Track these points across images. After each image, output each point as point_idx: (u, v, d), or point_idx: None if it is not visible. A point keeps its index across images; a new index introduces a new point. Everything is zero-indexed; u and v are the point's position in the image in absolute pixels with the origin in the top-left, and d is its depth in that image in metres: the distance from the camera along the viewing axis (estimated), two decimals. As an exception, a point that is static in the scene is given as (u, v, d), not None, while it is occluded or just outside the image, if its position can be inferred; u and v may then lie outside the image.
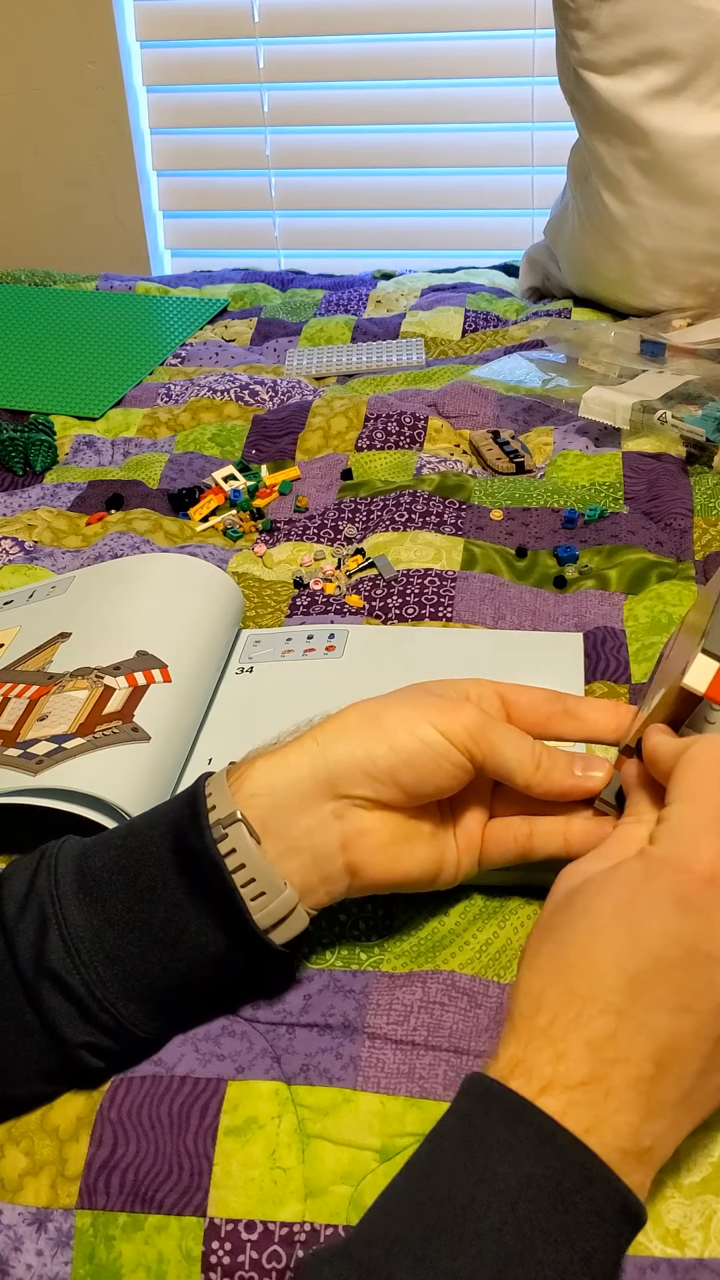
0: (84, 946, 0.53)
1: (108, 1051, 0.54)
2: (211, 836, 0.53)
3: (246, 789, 0.54)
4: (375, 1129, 0.54)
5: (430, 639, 0.81)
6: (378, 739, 0.55)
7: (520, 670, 0.77)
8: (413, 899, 0.63)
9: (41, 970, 0.53)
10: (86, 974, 0.53)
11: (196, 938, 0.54)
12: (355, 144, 1.99)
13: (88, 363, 1.31)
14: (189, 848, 0.53)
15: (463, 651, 0.79)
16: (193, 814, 0.54)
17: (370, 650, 0.80)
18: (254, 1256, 0.51)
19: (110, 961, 0.53)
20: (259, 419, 1.15)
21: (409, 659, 0.79)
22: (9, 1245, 0.53)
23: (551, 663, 0.78)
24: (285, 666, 0.79)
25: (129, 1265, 0.52)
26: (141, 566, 0.84)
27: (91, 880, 0.54)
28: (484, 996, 0.58)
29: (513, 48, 1.84)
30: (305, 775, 0.54)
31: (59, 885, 0.54)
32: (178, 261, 2.19)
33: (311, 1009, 0.58)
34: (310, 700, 0.76)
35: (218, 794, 0.54)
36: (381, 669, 0.78)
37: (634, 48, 1.17)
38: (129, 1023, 0.54)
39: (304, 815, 0.54)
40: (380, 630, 0.83)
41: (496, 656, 0.79)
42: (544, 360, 1.19)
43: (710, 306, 1.27)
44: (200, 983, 0.55)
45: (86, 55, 1.97)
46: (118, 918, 0.54)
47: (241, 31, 1.91)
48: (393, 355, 1.28)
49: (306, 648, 0.80)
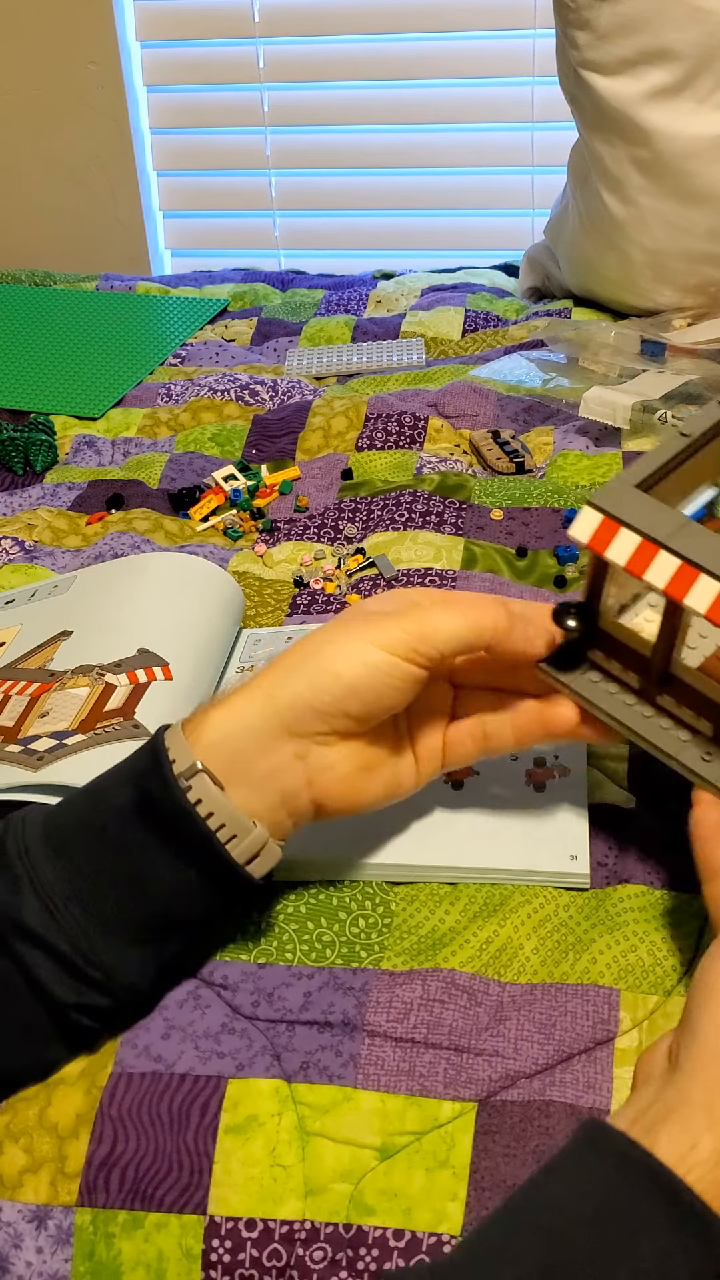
0: (59, 896, 0.54)
1: (101, 1011, 0.55)
2: (179, 788, 0.54)
3: (204, 740, 0.55)
4: (375, 1127, 0.54)
5: None
6: (322, 672, 0.55)
7: None
8: (412, 898, 0.63)
9: (22, 931, 0.54)
10: (65, 923, 0.53)
11: (168, 874, 0.55)
12: (355, 144, 1.99)
13: (88, 363, 1.31)
14: (154, 799, 0.54)
15: None
16: (156, 767, 0.55)
17: None
18: (254, 1254, 0.52)
19: (86, 909, 0.54)
20: (259, 419, 1.15)
21: None
22: (8, 1242, 0.53)
23: None
24: None
25: (129, 1263, 0.52)
26: (143, 565, 0.84)
27: (59, 838, 0.55)
28: (484, 995, 0.58)
29: (513, 48, 1.84)
30: (257, 722, 0.55)
31: (27, 847, 0.55)
32: (178, 261, 2.19)
33: (311, 1006, 0.58)
34: None
35: (176, 748, 0.55)
36: None
37: (634, 48, 1.17)
38: (116, 971, 0.54)
39: (264, 759, 0.55)
40: None
41: None
42: (544, 360, 1.19)
43: (710, 306, 1.26)
44: (178, 919, 0.56)
45: (86, 55, 1.97)
46: (89, 868, 0.55)
47: (241, 31, 1.91)
48: (393, 355, 1.28)
49: None
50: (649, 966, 0.59)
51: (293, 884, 0.64)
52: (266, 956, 0.60)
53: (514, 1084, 0.55)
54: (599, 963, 0.59)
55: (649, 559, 0.54)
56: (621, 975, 0.59)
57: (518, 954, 0.60)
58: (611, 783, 0.69)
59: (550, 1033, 0.56)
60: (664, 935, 0.60)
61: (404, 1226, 0.52)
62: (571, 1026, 0.57)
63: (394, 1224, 0.52)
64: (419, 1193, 0.52)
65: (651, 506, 0.56)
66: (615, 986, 0.58)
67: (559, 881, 0.63)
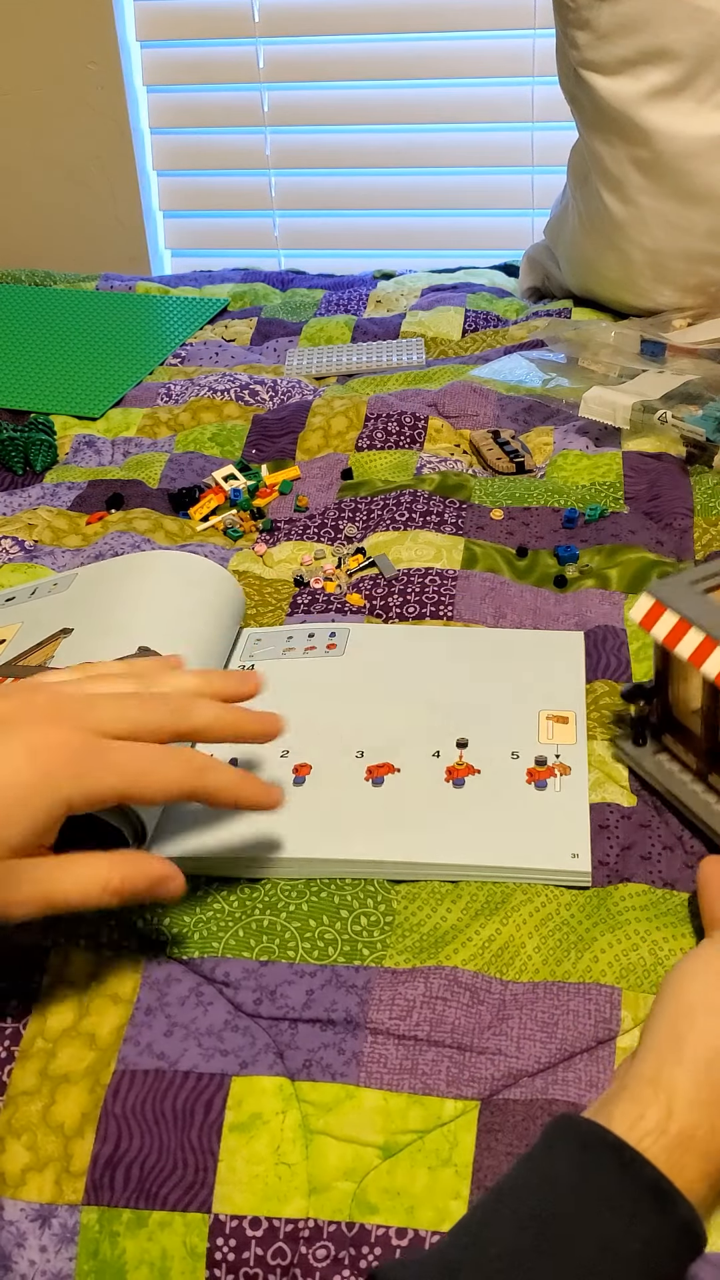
0: None
1: None
2: None
3: None
4: (378, 1125, 0.54)
5: (432, 637, 0.81)
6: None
7: (521, 669, 0.77)
8: (414, 896, 0.63)
9: None
10: None
11: None
12: (355, 144, 1.99)
13: (88, 363, 1.31)
14: None
15: (464, 650, 0.79)
16: None
17: (371, 648, 0.80)
18: (259, 1253, 0.52)
19: None
20: (259, 419, 1.15)
21: (410, 657, 0.79)
22: (11, 1241, 0.53)
23: (553, 661, 0.78)
24: (287, 664, 0.79)
25: (133, 1262, 0.52)
26: (144, 563, 0.84)
27: None
28: (486, 993, 0.58)
29: (513, 48, 1.84)
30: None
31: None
32: (178, 261, 2.19)
33: (314, 1004, 0.58)
34: (312, 697, 0.76)
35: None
36: (382, 667, 0.78)
37: (634, 48, 1.18)
38: None
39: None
40: (381, 629, 0.83)
41: (497, 655, 0.79)
42: (544, 360, 1.19)
43: (710, 306, 1.27)
44: None
45: (86, 55, 1.97)
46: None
47: (241, 31, 1.92)
48: (393, 355, 1.28)
49: (308, 646, 0.81)
50: (650, 965, 0.59)
51: (294, 882, 0.64)
52: (268, 954, 0.60)
53: (516, 1083, 0.55)
54: (601, 961, 0.59)
55: (703, 649, 0.62)
56: (623, 974, 0.59)
57: (520, 952, 0.60)
58: (614, 782, 0.69)
59: (552, 1031, 0.57)
60: (666, 934, 0.60)
61: (407, 1225, 0.52)
62: (574, 1025, 0.57)
63: (397, 1222, 0.52)
64: (422, 1191, 0.52)
65: (702, 600, 0.64)
66: (617, 985, 0.58)
67: (560, 880, 0.63)
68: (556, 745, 0.70)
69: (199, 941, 0.61)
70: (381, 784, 0.69)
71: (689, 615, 0.63)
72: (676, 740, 0.69)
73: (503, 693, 0.75)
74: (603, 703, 0.75)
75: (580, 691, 0.75)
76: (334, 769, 0.70)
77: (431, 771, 0.69)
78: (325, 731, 0.73)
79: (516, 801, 0.67)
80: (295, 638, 0.82)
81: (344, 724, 0.74)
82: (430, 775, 0.69)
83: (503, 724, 0.72)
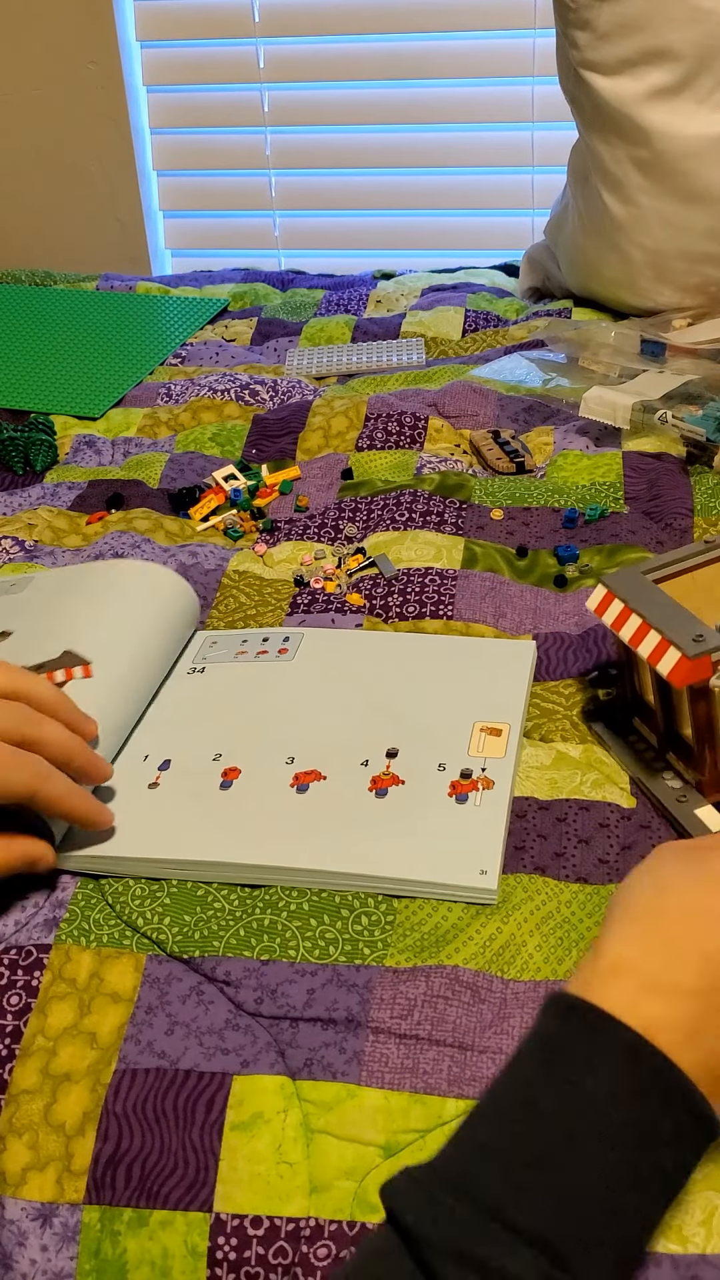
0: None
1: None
2: None
3: None
4: (379, 1125, 0.54)
5: (381, 644, 0.81)
6: None
7: (465, 678, 0.76)
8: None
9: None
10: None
11: None
12: (355, 144, 1.99)
13: (88, 363, 1.31)
14: None
15: (411, 658, 0.79)
16: None
17: (321, 655, 0.80)
18: (260, 1252, 0.52)
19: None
20: (259, 419, 1.15)
21: (357, 664, 0.79)
22: (13, 1240, 0.53)
23: (498, 670, 0.77)
24: (236, 668, 0.79)
25: (134, 1261, 0.52)
26: (89, 570, 0.85)
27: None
28: (487, 992, 0.58)
29: (513, 48, 1.84)
30: None
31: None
32: (178, 261, 2.19)
33: (315, 1003, 0.58)
34: (256, 702, 0.76)
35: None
36: (328, 673, 0.78)
37: (634, 48, 1.18)
38: None
39: None
40: (335, 634, 0.82)
41: (444, 662, 0.78)
42: (544, 360, 1.19)
43: (710, 306, 1.27)
44: None
45: (86, 55, 1.97)
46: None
47: (241, 31, 1.92)
48: (393, 355, 1.28)
49: (260, 650, 0.81)
50: (651, 964, 0.59)
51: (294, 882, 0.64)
52: (269, 953, 0.60)
53: (517, 1081, 0.55)
54: (601, 961, 0.59)
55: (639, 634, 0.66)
56: (624, 973, 0.59)
57: (520, 951, 0.60)
58: (613, 783, 0.69)
59: (553, 1030, 0.57)
60: (666, 933, 0.60)
61: (408, 1223, 0.52)
62: (574, 1024, 0.57)
63: (398, 1221, 0.52)
64: (423, 1190, 0.52)
65: (649, 589, 0.69)
66: (618, 984, 0.58)
67: (465, 896, 0.62)
68: (485, 759, 0.69)
69: (200, 940, 0.61)
70: (306, 791, 0.68)
71: (631, 603, 0.67)
72: (642, 722, 0.73)
73: (442, 702, 0.74)
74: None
75: (520, 702, 0.74)
76: (262, 774, 0.70)
77: (357, 780, 0.69)
78: (260, 737, 0.73)
79: (433, 815, 0.66)
80: (250, 641, 0.82)
81: (280, 730, 0.73)
82: (355, 784, 0.69)
83: (436, 734, 0.71)
